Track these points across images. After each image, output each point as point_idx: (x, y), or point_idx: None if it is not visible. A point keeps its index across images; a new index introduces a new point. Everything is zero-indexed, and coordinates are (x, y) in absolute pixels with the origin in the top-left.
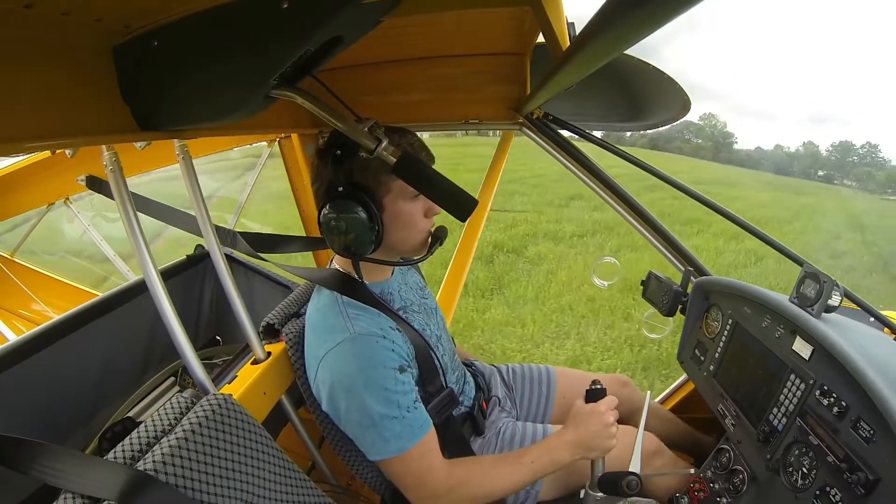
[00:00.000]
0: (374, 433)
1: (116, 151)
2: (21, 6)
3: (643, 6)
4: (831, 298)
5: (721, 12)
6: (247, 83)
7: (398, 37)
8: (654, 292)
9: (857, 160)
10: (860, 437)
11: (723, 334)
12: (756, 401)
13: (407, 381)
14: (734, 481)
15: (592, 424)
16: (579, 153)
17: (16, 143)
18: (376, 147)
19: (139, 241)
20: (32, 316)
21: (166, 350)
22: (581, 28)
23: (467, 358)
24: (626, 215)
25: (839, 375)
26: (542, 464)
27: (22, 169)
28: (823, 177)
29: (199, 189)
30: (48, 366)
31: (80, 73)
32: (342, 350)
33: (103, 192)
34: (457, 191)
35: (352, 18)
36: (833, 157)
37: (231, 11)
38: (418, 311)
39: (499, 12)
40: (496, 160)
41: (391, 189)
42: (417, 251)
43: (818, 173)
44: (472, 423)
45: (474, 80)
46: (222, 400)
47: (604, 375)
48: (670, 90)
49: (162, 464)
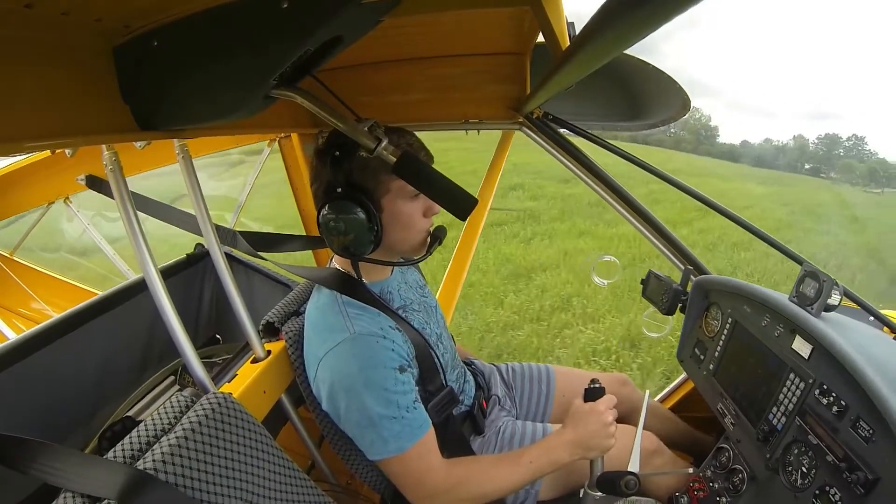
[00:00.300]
0: (373, 433)
1: (116, 151)
2: (21, 6)
3: (643, 6)
4: (831, 297)
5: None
6: (247, 83)
7: (398, 37)
8: (654, 291)
9: (842, 153)
10: (859, 436)
11: (722, 333)
12: (755, 400)
13: (407, 381)
14: (734, 480)
15: (591, 424)
16: (579, 152)
17: (16, 142)
18: (376, 146)
19: (139, 241)
20: (32, 315)
21: (166, 349)
22: (581, 28)
23: (467, 357)
24: (625, 214)
25: (839, 375)
26: (541, 464)
27: (22, 169)
28: (810, 170)
29: (199, 188)
30: (48, 365)
31: (80, 73)
32: (342, 350)
33: (103, 191)
34: (456, 190)
35: (352, 18)
36: (820, 151)
37: (231, 11)
38: (418, 310)
39: (499, 12)
40: (496, 159)
41: (390, 189)
42: (417, 251)
43: (805, 166)
44: (471, 422)
45: (474, 79)
46: (222, 399)
47: (603, 374)
48: (670, 89)
49: (162, 463)
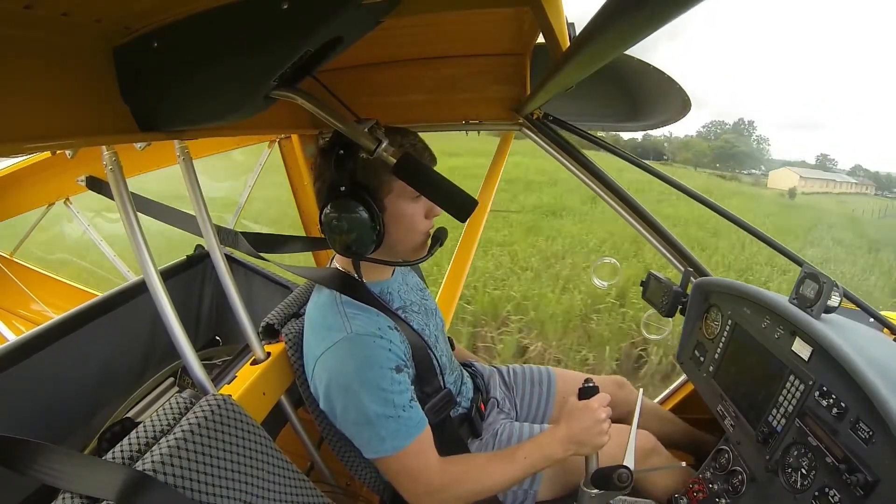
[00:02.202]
0: (370, 431)
1: (116, 152)
2: (21, 6)
3: (643, 6)
4: (830, 299)
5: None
6: (247, 84)
7: (398, 37)
8: (654, 293)
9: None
10: (859, 438)
11: (722, 335)
12: (755, 401)
13: (403, 381)
14: (733, 482)
15: (584, 420)
16: (579, 153)
17: (16, 143)
18: (376, 148)
19: (139, 242)
20: (32, 316)
21: (166, 350)
22: (581, 28)
23: (467, 359)
24: (626, 216)
25: (838, 376)
26: (535, 459)
27: (22, 169)
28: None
29: (199, 189)
30: (48, 366)
31: (80, 74)
32: (339, 349)
33: (103, 192)
34: (457, 192)
35: (352, 19)
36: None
37: (231, 12)
38: (418, 312)
39: (498, 12)
40: (496, 161)
41: (392, 189)
42: (417, 252)
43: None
44: (469, 424)
45: (474, 80)
46: (221, 400)
47: (600, 377)
48: (670, 90)
49: (161, 464)
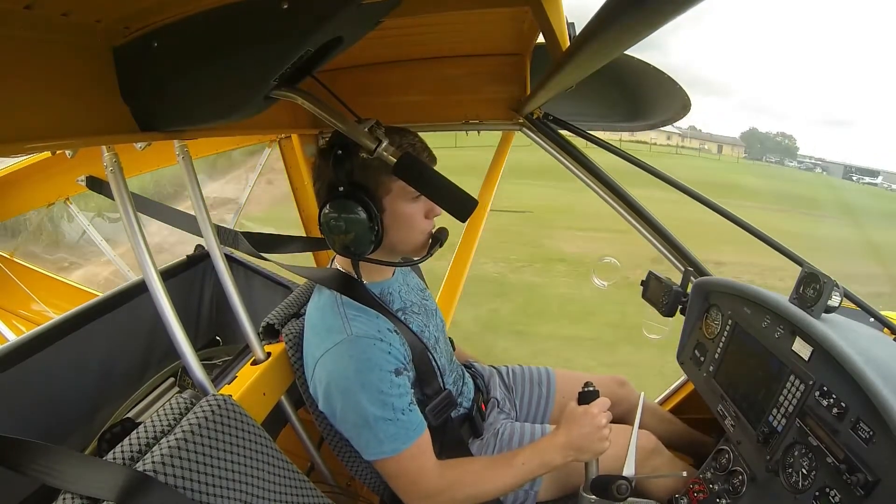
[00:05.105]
0: (368, 433)
1: (117, 152)
2: (21, 7)
3: (643, 6)
4: (831, 299)
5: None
6: (247, 83)
7: (398, 37)
8: (654, 293)
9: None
10: (860, 438)
11: (722, 335)
12: (756, 401)
13: (402, 384)
14: (733, 482)
15: (584, 426)
16: (579, 153)
17: (16, 143)
18: (376, 147)
19: (139, 242)
20: (32, 316)
21: (166, 350)
22: (581, 28)
23: (467, 359)
24: (625, 215)
25: (839, 376)
26: (533, 465)
27: (22, 169)
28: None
29: (199, 189)
30: (48, 366)
31: (80, 74)
32: (339, 351)
33: (103, 192)
34: (457, 191)
35: (352, 19)
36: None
37: (231, 12)
38: (418, 313)
39: (499, 12)
40: (496, 160)
41: (391, 189)
42: (418, 252)
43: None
44: (470, 424)
45: (474, 80)
46: (222, 401)
47: (601, 376)
48: (670, 90)
49: (161, 464)
